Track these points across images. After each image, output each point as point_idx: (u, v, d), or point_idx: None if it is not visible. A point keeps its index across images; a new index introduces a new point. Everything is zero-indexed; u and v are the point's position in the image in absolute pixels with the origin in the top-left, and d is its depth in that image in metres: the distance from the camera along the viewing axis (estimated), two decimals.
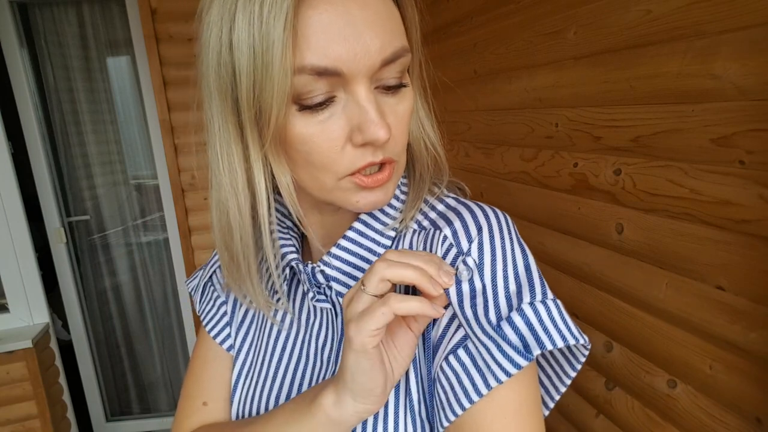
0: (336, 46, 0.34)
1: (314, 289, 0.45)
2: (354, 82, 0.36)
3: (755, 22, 0.60)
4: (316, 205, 0.46)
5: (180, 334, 2.27)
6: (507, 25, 1.14)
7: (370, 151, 0.37)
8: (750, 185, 0.63)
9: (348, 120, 0.36)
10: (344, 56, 0.34)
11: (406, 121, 0.40)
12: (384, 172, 0.39)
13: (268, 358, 0.49)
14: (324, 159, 0.37)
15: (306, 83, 0.35)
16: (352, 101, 0.36)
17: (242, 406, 0.50)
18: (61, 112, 1.99)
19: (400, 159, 0.41)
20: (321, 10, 0.34)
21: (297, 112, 0.36)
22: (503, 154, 1.23)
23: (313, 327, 0.47)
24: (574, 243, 1.00)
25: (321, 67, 0.34)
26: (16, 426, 1.81)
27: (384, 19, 0.36)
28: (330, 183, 0.39)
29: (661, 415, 0.82)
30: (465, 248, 0.39)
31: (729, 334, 0.68)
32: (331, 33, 0.34)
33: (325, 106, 0.36)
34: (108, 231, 2.17)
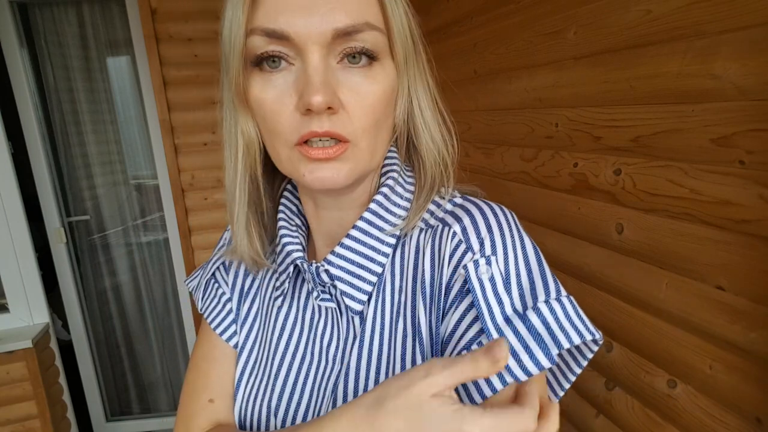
0: (289, 13, 0.36)
1: (318, 288, 0.45)
2: (306, 50, 0.37)
3: (755, 22, 0.60)
4: (311, 197, 0.47)
5: (180, 334, 2.27)
6: (507, 25, 1.14)
7: (315, 120, 0.37)
8: (750, 185, 0.63)
9: (296, 86, 0.38)
10: (296, 23, 0.36)
11: (369, 101, 0.39)
12: (332, 148, 0.38)
13: (272, 355, 0.49)
14: (275, 124, 0.39)
15: (259, 45, 0.37)
16: (302, 69, 0.37)
17: (245, 403, 0.49)
18: (61, 112, 1.99)
19: (358, 142, 0.39)
20: None
21: (255, 75, 0.39)
22: (503, 154, 1.23)
23: (318, 325, 0.47)
24: (574, 243, 1.00)
25: (269, 29, 0.37)
26: (16, 426, 1.81)
27: None
28: (284, 153, 0.40)
29: (661, 415, 0.82)
30: (476, 246, 0.40)
31: (729, 334, 0.68)
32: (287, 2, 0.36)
33: (278, 70, 0.38)
34: (108, 231, 2.17)
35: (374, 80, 0.39)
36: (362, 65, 0.39)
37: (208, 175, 1.94)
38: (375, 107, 0.40)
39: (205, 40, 1.84)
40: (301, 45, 0.37)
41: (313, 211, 0.47)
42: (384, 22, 0.40)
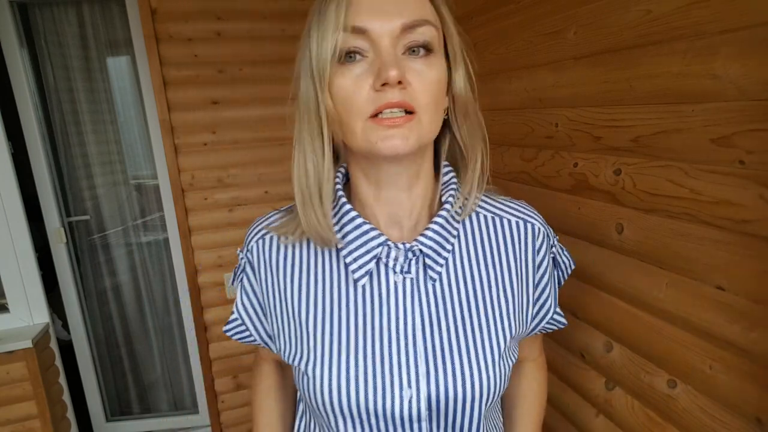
0: (368, 12, 0.47)
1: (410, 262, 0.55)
2: (380, 42, 0.47)
3: (755, 22, 0.60)
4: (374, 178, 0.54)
5: (180, 334, 2.27)
6: (507, 25, 1.14)
7: (389, 92, 0.46)
8: (750, 185, 0.63)
9: (372, 69, 0.47)
10: (372, 19, 0.47)
11: (429, 83, 0.48)
12: (401, 118, 0.47)
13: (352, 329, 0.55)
14: (353, 102, 0.48)
15: (346, 39, 0.47)
16: (376, 56, 0.47)
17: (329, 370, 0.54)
18: (61, 112, 1.99)
19: (422, 116, 0.48)
20: None
21: (337, 69, 0.48)
22: (503, 154, 1.23)
23: (392, 302, 0.55)
24: (574, 243, 1.00)
25: (351, 25, 0.47)
26: (16, 426, 1.81)
27: None
28: (359, 126, 0.48)
29: (661, 415, 0.82)
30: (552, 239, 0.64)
31: (729, 334, 0.68)
32: (362, 4, 0.47)
33: (356, 62, 0.48)
34: (108, 231, 2.17)
35: (432, 67, 0.49)
36: (422, 55, 0.48)
37: (208, 175, 1.94)
38: (433, 88, 0.49)
39: (205, 40, 1.84)
40: (376, 37, 0.47)
41: (375, 194, 0.55)
42: (440, 21, 0.51)
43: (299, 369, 0.56)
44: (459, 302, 0.56)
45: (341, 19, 0.47)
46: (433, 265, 0.55)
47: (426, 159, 0.55)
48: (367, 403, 0.52)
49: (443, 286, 0.56)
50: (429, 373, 0.53)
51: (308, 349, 0.55)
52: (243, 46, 1.88)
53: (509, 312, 0.57)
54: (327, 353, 0.54)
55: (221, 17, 1.84)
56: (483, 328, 0.55)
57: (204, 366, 2.07)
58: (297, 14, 1.93)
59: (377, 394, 0.52)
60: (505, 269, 0.58)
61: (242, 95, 1.92)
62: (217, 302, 2.04)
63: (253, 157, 1.98)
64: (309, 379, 0.54)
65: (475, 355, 0.54)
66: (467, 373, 0.53)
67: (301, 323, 0.57)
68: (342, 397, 0.53)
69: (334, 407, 0.54)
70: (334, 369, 0.54)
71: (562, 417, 1.10)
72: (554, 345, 1.11)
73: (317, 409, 0.56)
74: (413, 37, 0.48)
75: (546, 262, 0.61)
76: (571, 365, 1.05)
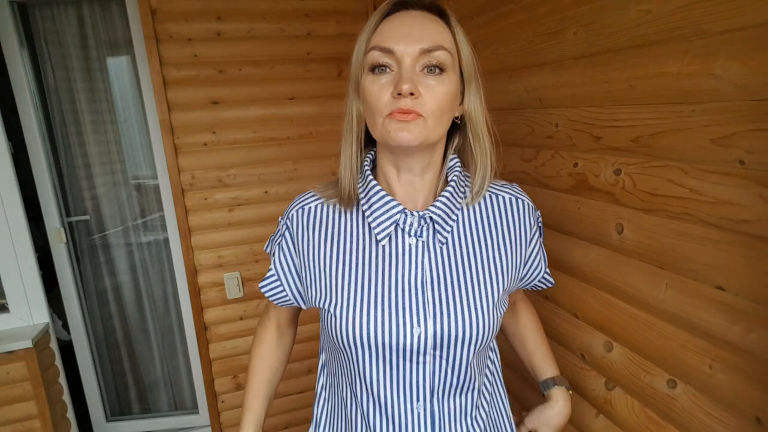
0: (394, 37, 0.61)
1: (422, 227, 0.69)
2: (402, 60, 0.61)
3: (755, 22, 0.60)
4: (394, 163, 0.69)
5: (180, 334, 2.27)
6: (507, 25, 1.14)
7: (403, 101, 0.60)
8: (750, 185, 0.63)
9: (393, 81, 0.61)
10: (397, 42, 0.61)
11: (438, 95, 0.61)
12: (410, 115, 0.60)
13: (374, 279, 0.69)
14: (376, 103, 0.62)
15: (376, 56, 0.62)
16: (398, 71, 0.61)
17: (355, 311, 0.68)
18: (61, 112, 1.99)
19: (428, 118, 0.61)
20: (392, 20, 0.63)
21: (369, 76, 0.63)
22: (503, 154, 1.23)
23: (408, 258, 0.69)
24: (574, 243, 1.00)
25: (381, 46, 0.62)
26: (16, 426, 1.81)
27: (428, 27, 0.62)
28: (379, 121, 0.62)
29: (661, 415, 0.82)
30: (538, 212, 0.79)
31: (729, 334, 0.68)
32: (393, 31, 0.62)
33: (383, 71, 0.62)
34: (108, 231, 2.17)
35: (442, 83, 0.62)
36: (436, 74, 0.62)
37: (208, 175, 1.94)
38: (440, 99, 0.62)
39: (205, 40, 1.84)
40: (399, 56, 0.61)
41: (396, 176, 0.70)
42: (455, 48, 0.64)
43: (329, 312, 0.69)
44: (462, 262, 0.69)
45: (375, 40, 0.63)
46: (441, 230, 0.69)
47: (436, 154, 0.69)
48: (384, 337, 0.66)
49: (449, 248, 0.70)
50: (435, 316, 0.66)
51: (337, 295, 0.69)
52: (243, 46, 1.88)
53: (503, 271, 0.71)
54: (352, 298, 0.68)
55: (221, 17, 1.84)
56: (480, 283, 0.69)
57: (204, 366, 2.07)
58: (297, 14, 1.93)
59: (392, 331, 0.66)
60: (501, 236, 0.72)
61: (242, 95, 1.92)
62: (217, 302, 2.05)
63: (253, 157, 1.98)
64: (336, 318, 0.68)
65: (474, 304, 0.68)
66: (466, 318, 0.67)
67: (332, 275, 0.71)
68: (363, 332, 0.66)
69: (356, 341, 0.67)
70: (357, 310, 0.67)
71: None
72: (554, 345, 1.11)
73: (342, 345, 0.69)
74: (430, 59, 0.61)
75: (535, 230, 0.77)
76: (571, 365, 1.05)
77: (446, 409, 0.71)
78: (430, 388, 0.69)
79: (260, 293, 2.10)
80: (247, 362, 2.12)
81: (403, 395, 0.69)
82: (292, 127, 2.00)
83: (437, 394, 0.70)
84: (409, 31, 0.61)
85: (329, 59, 2.00)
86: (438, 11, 0.65)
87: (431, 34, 0.61)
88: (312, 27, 1.95)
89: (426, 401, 0.70)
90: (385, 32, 0.62)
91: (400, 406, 0.70)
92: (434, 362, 0.68)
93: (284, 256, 0.77)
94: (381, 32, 0.63)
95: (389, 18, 0.64)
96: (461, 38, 0.65)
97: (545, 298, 1.12)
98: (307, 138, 2.02)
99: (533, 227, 0.76)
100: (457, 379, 0.70)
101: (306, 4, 1.93)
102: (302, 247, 0.74)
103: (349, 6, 1.98)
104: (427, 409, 0.70)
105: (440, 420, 0.70)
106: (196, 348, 2.13)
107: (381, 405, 0.70)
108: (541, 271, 0.80)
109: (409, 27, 0.61)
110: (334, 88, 2.02)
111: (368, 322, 0.66)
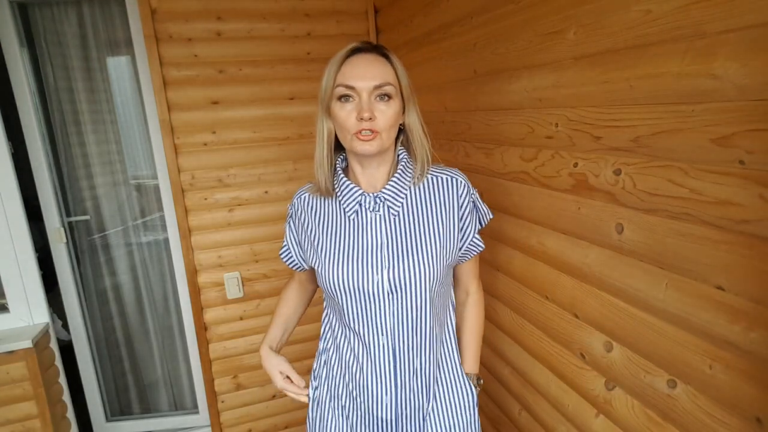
0: (354, 76, 0.86)
1: (378, 205, 0.94)
2: (361, 93, 0.86)
3: (755, 22, 0.60)
4: (359, 162, 0.94)
5: (180, 334, 2.27)
6: (507, 25, 1.14)
7: (365, 123, 0.85)
8: (750, 185, 0.63)
9: (357, 109, 0.86)
10: (357, 81, 0.85)
11: (388, 117, 0.87)
12: (370, 135, 0.86)
13: (353, 240, 0.94)
14: (345, 124, 0.87)
15: (341, 90, 0.87)
16: (359, 101, 0.86)
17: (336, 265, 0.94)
18: (61, 112, 1.99)
19: (382, 132, 0.87)
20: (352, 64, 0.86)
21: (337, 103, 0.88)
22: (503, 154, 1.23)
23: (369, 227, 0.94)
24: (574, 243, 1.00)
25: (345, 84, 0.86)
26: (16, 426, 1.81)
27: (377, 68, 0.86)
28: (348, 137, 0.88)
29: (661, 415, 0.82)
30: (472, 190, 0.99)
31: (729, 334, 0.68)
32: (354, 71, 0.86)
33: (348, 100, 0.87)
34: (108, 231, 2.17)
35: (390, 107, 0.87)
36: (385, 101, 0.87)
37: (208, 175, 1.94)
38: (389, 118, 0.88)
39: (205, 40, 1.84)
40: (359, 91, 0.85)
41: (361, 170, 0.95)
42: (397, 81, 0.89)
43: (317, 268, 0.97)
44: (409, 227, 0.94)
45: (340, 78, 0.86)
46: (392, 206, 0.94)
47: (389, 152, 0.95)
48: (353, 283, 0.92)
49: (400, 218, 0.94)
50: (389, 267, 0.91)
51: (321, 256, 0.96)
52: (243, 46, 1.88)
53: (440, 233, 0.95)
54: (331, 257, 0.94)
55: (221, 17, 1.84)
56: (423, 243, 0.93)
57: (204, 366, 2.07)
58: (297, 14, 1.93)
59: (358, 278, 0.92)
60: (439, 207, 0.96)
61: (242, 95, 1.92)
62: (217, 302, 2.05)
63: (253, 157, 1.98)
64: (321, 272, 0.95)
65: (418, 258, 0.92)
66: (412, 268, 0.91)
67: (318, 242, 0.97)
68: (339, 280, 0.93)
69: (336, 288, 0.94)
70: (334, 265, 0.93)
71: (562, 417, 1.10)
72: (554, 345, 1.11)
73: (329, 291, 0.96)
74: (380, 91, 0.86)
75: (467, 203, 0.97)
76: (571, 365, 1.05)
77: (404, 344, 0.95)
78: (391, 326, 0.94)
79: (260, 293, 2.11)
80: (247, 362, 2.12)
81: (372, 330, 0.94)
82: (292, 127, 2.00)
83: (397, 332, 0.94)
84: (365, 72, 0.85)
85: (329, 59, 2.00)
86: (383, 54, 0.89)
87: (380, 73, 0.86)
88: (312, 27, 1.95)
89: (388, 336, 0.94)
90: (347, 72, 0.85)
91: (371, 338, 0.95)
92: (393, 305, 0.93)
93: (291, 232, 1.05)
94: (344, 72, 0.86)
95: (350, 60, 0.87)
96: (401, 71, 0.89)
97: (545, 298, 1.12)
98: (307, 138, 2.02)
99: (465, 199, 0.97)
100: (412, 322, 0.94)
101: (306, 4, 1.93)
102: (300, 225, 1.02)
103: (349, 6, 1.98)
104: (389, 342, 0.95)
105: (400, 352, 0.95)
106: (196, 348, 2.13)
107: (359, 336, 0.96)
108: (470, 236, 0.99)
109: (365, 69, 0.85)
110: None
111: (342, 273, 0.93)
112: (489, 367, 1.43)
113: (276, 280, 2.10)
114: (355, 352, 0.98)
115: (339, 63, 0.87)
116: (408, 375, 0.97)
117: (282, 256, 1.08)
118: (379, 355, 0.95)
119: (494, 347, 1.39)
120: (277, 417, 2.24)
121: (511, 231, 1.23)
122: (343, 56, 0.87)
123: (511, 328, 1.29)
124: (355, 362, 0.99)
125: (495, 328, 1.37)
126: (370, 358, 0.96)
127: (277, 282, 2.11)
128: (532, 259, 1.16)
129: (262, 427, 2.23)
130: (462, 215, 0.97)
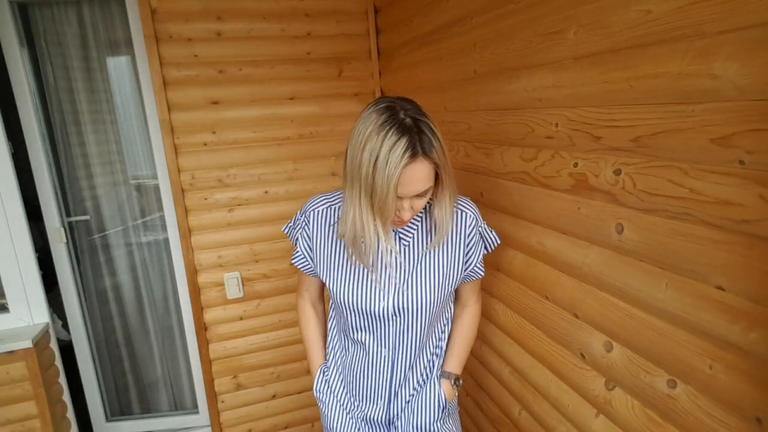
0: (407, 192, 0.90)
1: (396, 242, 1.03)
2: (406, 198, 0.91)
3: (755, 22, 0.60)
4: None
5: (180, 334, 2.27)
6: (507, 25, 1.14)
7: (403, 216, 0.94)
8: (750, 185, 0.63)
9: (399, 207, 0.93)
10: (407, 193, 0.90)
11: (419, 206, 0.94)
12: (406, 220, 0.95)
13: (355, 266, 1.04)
14: (384, 209, 0.89)
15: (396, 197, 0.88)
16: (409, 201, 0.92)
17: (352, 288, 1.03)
18: (61, 112, 1.99)
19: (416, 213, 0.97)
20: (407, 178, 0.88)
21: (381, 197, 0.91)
22: (503, 154, 1.23)
23: (379, 255, 1.02)
24: (574, 243, 1.00)
25: (401, 195, 0.90)
26: (16, 426, 1.81)
27: (425, 178, 0.90)
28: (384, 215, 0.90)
29: (661, 415, 0.82)
30: (481, 222, 1.08)
31: (729, 334, 0.68)
32: (407, 188, 0.89)
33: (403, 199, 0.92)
34: (108, 231, 2.17)
35: (424, 198, 0.94)
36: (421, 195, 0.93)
37: (208, 175, 1.94)
38: (421, 206, 0.95)
39: (205, 40, 1.84)
40: (405, 196, 0.90)
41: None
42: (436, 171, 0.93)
43: (328, 285, 1.06)
44: (416, 258, 1.03)
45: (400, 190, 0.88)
46: (404, 237, 1.03)
47: None
48: (361, 305, 1.02)
49: (410, 248, 1.03)
50: (395, 293, 1.01)
51: (333, 275, 1.05)
52: (243, 46, 1.88)
53: (446, 264, 1.04)
54: (342, 278, 1.04)
55: (221, 17, 1.84)
56: (429, 273, 1.02)
57: (204, 366, 2.07)
58: (297, 14, 1.93)
59: (366, 301, 1.02)
60: (446, 240, 1.04)
61: (242, 95, 1.92)
62: (217, 302, 2.05)
63: (253, 157, 1.98)
64: (332, 290, 1.05)
65: (422, 286, 1.02)
66: (417, 295, 1.01)
67: (329, 261, 1.06)
68: (348, 301, 1.03)
69: (345, 305, 1.04)
70: (345, 286, 1.03)
71: (562, 417, 1.10)
72: (554, 345, 1.11)
73: (339, 306, 1.06)
74: (420, 194, 0.92)
75: (473, 235, 1.06)
76: (571, 365, 1.05)
77: (403, 358, 1.07)
78: (393, 342, 1.05)
79: (260, 293, 2.10)
80: (247, 362, 2.12)
81: (376, 343, 1.06)
82: (292, 127, 2.00)
83: (398, 347, 1.06)
84: (416, 187, 0.89)
85: (329, 59, 2.00)
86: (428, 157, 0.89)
87: (424, 182, 0.90)
88: (312, 27, 1.95)
89: (390, 350, 1.06)
90: (402, 189, 0.88)
91: (374, 350, 1.07)
92: (396, 325, 1.04)
93: (304, 242, 1.10)
94: (402, 182, 0.87)
95: (406, 171, 0.86)
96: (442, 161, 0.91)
97: (545, 298, 1.12)
98: (307, 138, 2.03)
99: (473, 231, 1.06)
100: (412, 338, 1.05)
101: (306, 4, 1.93)
102: (314, 240, 1.08)
103: (349, 6, 1.98)
104: (390, 355, 1.07)
105: (399, 364, 1.08)
106: (196, 348, 2.13)
107: (363, 346, 1.08)
108: (474, 264, 1.09)
109: (416, 183, 0.89)
110: (334, 88, 2.02)
111: (351, 294, 1.03)
112: (489, 367, 1.43)
113: (276, 280, 2.10)
114: (358, 357, 1.10)
115: (398, 174, 0.85)
116: (398, 383, 1.11)
117: (295, 262, 1.13)
118: (379, 364, 1.08)
119: (494, 347, 1.39)
120: (277, 417, 2.24)
121: (511, 231, 1.23)
122: (401, 166, 0.85)
123: (511, 328, 1.29)
124: (356, 366, 1.11)
125: (495, 328, 1.37)
126: (369, 364, 1.09)
127: (277, 282, 2.11)
128: (532, 259, 1.16)
129: (262, 427, 2.23)
130: (468, 247, 1.06)
